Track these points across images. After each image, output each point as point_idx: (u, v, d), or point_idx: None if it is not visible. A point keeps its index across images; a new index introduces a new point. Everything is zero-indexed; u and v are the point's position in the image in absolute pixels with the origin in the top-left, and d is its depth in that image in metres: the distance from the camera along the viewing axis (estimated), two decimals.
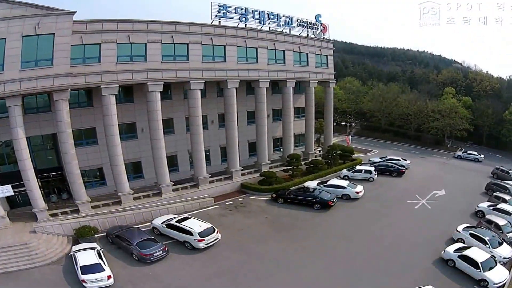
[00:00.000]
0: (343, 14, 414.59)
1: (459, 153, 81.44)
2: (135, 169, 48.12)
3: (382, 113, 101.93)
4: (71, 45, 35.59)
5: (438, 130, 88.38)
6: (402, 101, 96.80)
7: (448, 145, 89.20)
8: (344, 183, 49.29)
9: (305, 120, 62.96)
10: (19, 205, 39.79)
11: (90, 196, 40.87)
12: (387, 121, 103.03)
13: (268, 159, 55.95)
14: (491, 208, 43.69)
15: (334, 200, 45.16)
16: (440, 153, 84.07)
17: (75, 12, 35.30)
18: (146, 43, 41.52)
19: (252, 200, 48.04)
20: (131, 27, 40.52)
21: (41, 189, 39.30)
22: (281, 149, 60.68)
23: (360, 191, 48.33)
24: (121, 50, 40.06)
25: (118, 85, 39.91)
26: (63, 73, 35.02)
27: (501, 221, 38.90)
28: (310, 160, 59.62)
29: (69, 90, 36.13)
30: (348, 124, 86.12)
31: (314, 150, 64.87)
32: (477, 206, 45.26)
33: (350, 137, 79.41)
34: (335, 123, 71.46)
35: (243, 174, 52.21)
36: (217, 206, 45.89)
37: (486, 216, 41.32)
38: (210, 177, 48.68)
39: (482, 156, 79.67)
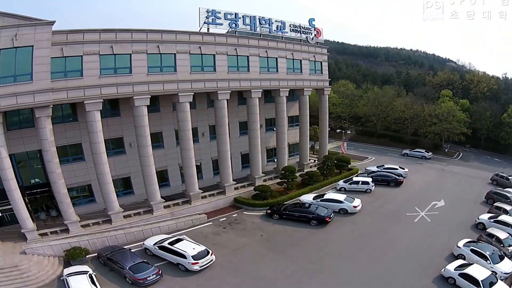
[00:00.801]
0: (335, 12, 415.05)
1: (406, 151, 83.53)
2: (124, 185, 46.43)
3: (377, 117, 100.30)
4: (51, 57, 33.65)
5: (435, 134, 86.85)
6: (398, 105, 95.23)
7: (446, 150, 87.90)
8: (341, 197, 47.59)
9: (300, 129, 61.04)
10: (7, 223, 38.20)
11: (80, 214, 39.59)
12: (383, 126, 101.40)
13: (262, 171, 54.19)
14: (492, 220, 42.50)
15: (331, 216, 43.63)
16: (437, 158, 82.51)
17: (54, 22, 33.31)
18: (130, 54, 39.50)
19: (247, 216, 46.33)
20: (114, 37, 38.43)
21: (29, 206, 38.17)
22: (275, 160, 58.92)
23: (358, 205, 46.75)
24: (104, 62, 38.08)
25: (102, 100, 37.97)
26: (44, 89, 33.06)
27: (502, 235, 38.01)
28: (305, 171, 57.76)
29: (51, 106, 34.15)
30: (343, 131, 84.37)
31: (309, 160, 63.08)
32: (478, 218, 43.94)
33: (345, 144, 77.79)
34: (329, 128, 69.80)
35: (236, 188, 50.46)
36: (211, 223, 44.16)
37: (487, 230, 40.08)
38: (202, 193, 47.01)
39: (430, 153, 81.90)
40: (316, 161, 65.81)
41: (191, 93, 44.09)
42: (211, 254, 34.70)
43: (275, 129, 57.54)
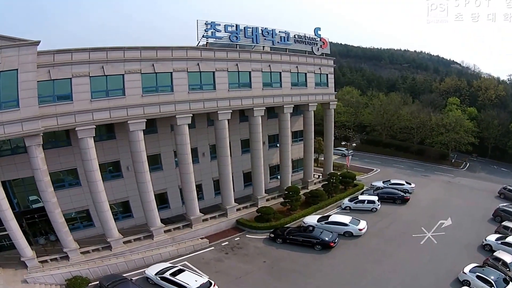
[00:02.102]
0: (338, 12, 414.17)
1: None
2: (123, 209, 45.21)
3: (383, 126, 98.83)
4: (38, 81, 31.76)
5: (442, 144, 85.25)
6: (404, 114, 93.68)
7: (453, 160, 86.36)
8: (346, 219, 46.08)
9: (304, 145, 58.94)
10: (6, 248, 37.21)
11: (78, 238, 38.86)
12: (389, 135, 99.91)
13: (265, 188, 52.52)
14: (499, 242, 41.18)
15: (336, 241, 42.25)
16: (444, 169, 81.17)
17: (38, 42, 31.23)
18: (123, 75, 37.17)
19: (249, 239, 44.95)
20: (105, 56, 36.00)
21: (28, 230, 37.91)
22: (279, 177, 57.13)
23: (363, 228, 45.27)
24: (95, 84, 35.75)
25: (94, 126, 35.84)
26: (32, 117, 31.30)
27: (509, 258, 36.84)
28: (309, 189, 56.36)
29: (41, 135, 32.43)
30: (348, 143, 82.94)
31: (313, 177, 61.43)
32: (485, 240, 42.59)
33: (350, 157, 76.30)
34: (334, 137, 68.01)
35: (238, 210, 48.83)
36: (212, 247, 42.82)
37: (494, 253, 38.73)
38: (203, 216, 45.54)
39: (351, 151, 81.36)
40: (321, 176, 64.34)
41: (190, 114, 41.88)
42: (214, 286, 33.76)
43: (278, 145, 55.83)
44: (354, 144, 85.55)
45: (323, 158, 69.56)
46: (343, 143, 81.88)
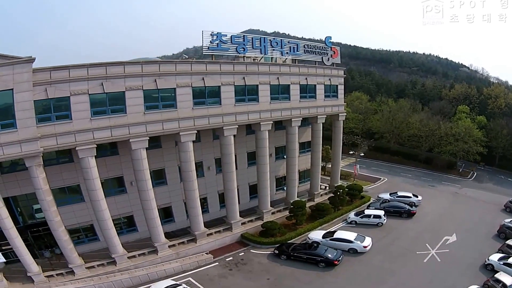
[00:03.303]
0: (347, 14, 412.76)
1: None
2: (128, 223, 45.22)
3: (392, 134, 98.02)
4: (35, 100, 30.93)
5: (450, 154, 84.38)
6: (413, 121, 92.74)
7: (460, 170, 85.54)
8: (351, 236, 45.71)
9: (311, 157, 57.82)
10: (13, 261, 36.87)
11: (83, 252, 39.12)
12: (397, 142, 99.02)
13: (271, 201, 51.91)
14: (501, 262, 40.64)
15: (340, 259, 42.08)
16: (451, 179, 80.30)
17: (33, 59, 30.18)
18: (124, 91, 35.88)
19: (254, 255, 44.82)
20: (104, 72, 34.59)
21: (33, 243, 38.45)
22: (285, 188, 56.66)
23: (368, 245, 45.02)
24: (94, 102, 34.60)
25: (95, 145, 34.96)
26: (30, 138, 30.75)
27: (509, 281, 36.38)
28: (315, 202, 55.93)
29: (41, 155, 32.04)
30: (356, 152, 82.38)
31: (320, 188, 60.68)
32: (488, 259, 42.06)
33: (358, 166, 75.88)
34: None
35: (243, 223, 48.50)
36: (217, 263, 42.79)
37: (495, 275, 38.16)
38: (208, 230, 45.36)
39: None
40: (327, 187, 63.79)
41: (194, 131, 40.88)
42: None
43: (285, 157, 55.01)
44: (362, 154, 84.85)
45: (330, 165, 68.87)
46: (351, 152, 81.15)
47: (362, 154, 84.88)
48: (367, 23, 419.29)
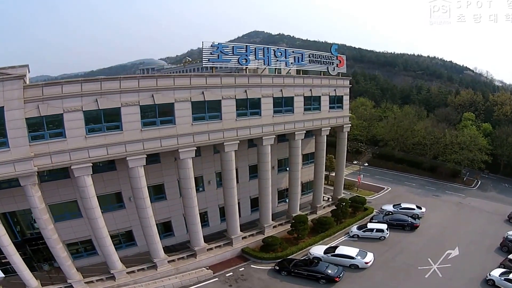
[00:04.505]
0: (351, 15, 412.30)
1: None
2: (127, 238, 44.77)
3: (396, 141, 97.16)
4: (27, 118, 30.12)
5: (455, 163, 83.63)
6: (418, 129, 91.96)
7: (465, 178, 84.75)
8: (353, 252, 45.19)
9: (315, 170, 56.80)
10: (12, 272, 36.53)
11: (82, 266, 39.35)
12: (401, 149, 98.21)
13: (272, 213, 51.42)
14: (502, 278, 40.13)
15: (341, 275, 41.60)
16: (455, 187, 79.62)
17: (23, 75, 29.56)
18: (120, 107, 34.67)
19: (254, 270, 44.38)
20: (99, 88, 33.43)
21: (32, 256, 38.56)
22: (287, 200, 55.87)
23: (370, 261, 44.46)
24: (89, 119, 33.53)
25: (91, 164, 34.09)
26: (24, 157, 30.11)
27: None
28: (318, 216, 55.30)
29: (35, 174, 31.45)
30: (360, 162, 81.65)
31: (323, 200, 60.12)
32: (489, 274, 41.43)
33: (361, 175, 75.30)
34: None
35: (244, 238, 47.98)
36: (216, 278, 42.41)
37: None
38: (208, 245, 44.94)
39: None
40: (330, 198, 63.25)
41: (194, 147, 39.78)
42: None
43: (287, 169, 54.10)
44: (366, 164, 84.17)
45: (333, 174, 68.14)
46: (355, 162, 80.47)
47: (366, 164, 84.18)
48: (372, 25, 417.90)
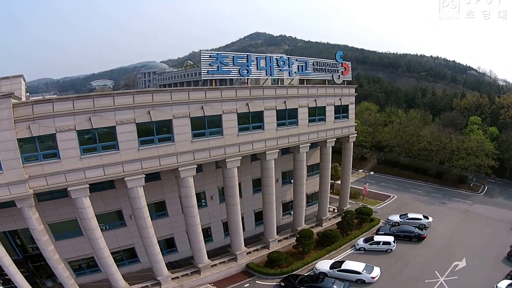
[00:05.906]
0: (353, 15, 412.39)
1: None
2: (129, 255, 44.18)
3: (402, 147, 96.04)
4: (19, 138, 28.98)
5: (462, 168, 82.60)
6: (424, 134, 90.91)
7: (471, 184, 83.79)
8: (359, 267, 44.45)
9: (320, 182, 55.58)
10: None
11: (85, 283, 39.31)
12: (407, 155, 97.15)
13: (277, 227, 50.48)
14: None
15: None
16: (462, 194, 78.66)
17: (12, 93, 28.39)
18: (115, 126, 33.27)
19: (259, 286, 43.78)
20: (92, 105, 31.90)
21: (35, 274, 38.39)
22: (292, 213, 54.96)
23: (376, 276, 43.74)
24: (83, 138, 32.31)
25: (88, 185, 32.98)
26: (18, 180, 29.23)
27: None
28: (323, 229, 54.49)
29: (32, 196, 30.67)
30: (366, 171, 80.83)
31: (328, 212, 58.81)
32: (496, 286, 40.84)
33: (367, 184, 74.42)
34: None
35: (248, 253, 47.27)
36: None
37: None
38: (212, 262, 44.25)
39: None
40: (335, 210, 62.23)
41: (194, 165, 38.51)
42: None
43: (292, 181, 53.11)
44: (372, 172, 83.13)
45: (339, 182, 66.87)
46: (360, 170, 79.65)
47: (372, 172, 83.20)
48: (374, 25, 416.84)
